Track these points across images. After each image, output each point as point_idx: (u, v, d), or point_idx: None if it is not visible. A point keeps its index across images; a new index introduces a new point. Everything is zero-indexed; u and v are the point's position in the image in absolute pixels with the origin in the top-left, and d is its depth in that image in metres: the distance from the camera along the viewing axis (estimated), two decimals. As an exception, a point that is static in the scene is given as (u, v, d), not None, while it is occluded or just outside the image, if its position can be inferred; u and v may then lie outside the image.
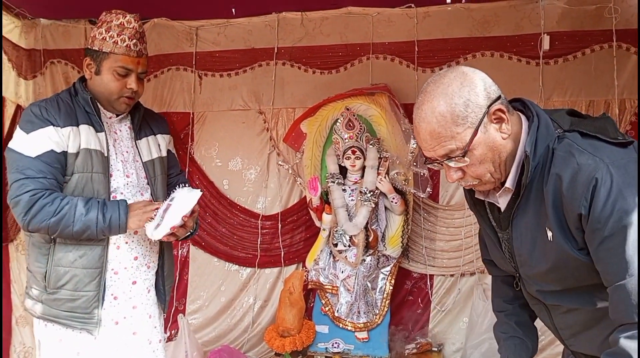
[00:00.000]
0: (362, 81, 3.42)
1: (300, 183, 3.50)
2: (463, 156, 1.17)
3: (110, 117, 1.82)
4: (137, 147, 1.86)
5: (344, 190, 3.19)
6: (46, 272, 1.71)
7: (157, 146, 1.93)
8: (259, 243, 3.57)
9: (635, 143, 1.17)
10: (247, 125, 3.64)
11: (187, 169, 3.59)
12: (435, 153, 1.20)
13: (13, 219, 3.62)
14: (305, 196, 3.44)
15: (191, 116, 3.68)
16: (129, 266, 1.79)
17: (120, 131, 1.85)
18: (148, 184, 1.86)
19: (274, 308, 3.45)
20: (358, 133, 3.16)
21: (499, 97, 1.19)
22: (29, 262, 1.78)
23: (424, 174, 3.13)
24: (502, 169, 1.22)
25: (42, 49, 3.77)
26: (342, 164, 3.23)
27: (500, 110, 1.17)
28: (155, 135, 1.94)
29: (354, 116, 3.19)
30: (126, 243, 1.78)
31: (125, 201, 1.71)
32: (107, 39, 1.71)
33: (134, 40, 1.73)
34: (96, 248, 1.72)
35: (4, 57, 3.58)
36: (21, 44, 3.72)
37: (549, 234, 1.18)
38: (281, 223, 3.55)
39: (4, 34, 3.56)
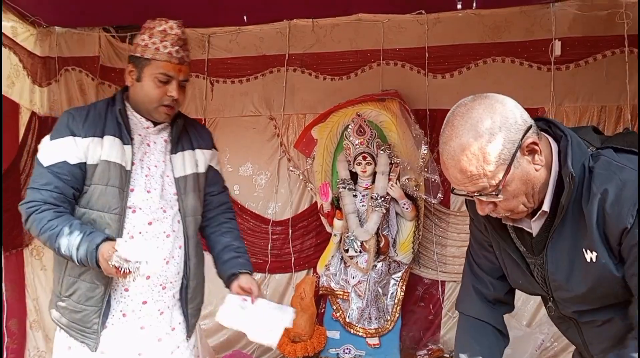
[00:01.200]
0: (373, 87, 3.43)
1: (311, 189, 3.51)
2: (496, 194, 1.13)
3: (147, 128, 1.76)
4: (170, 161, 1.78)
5: (355, 196, 3.20)
6: (60, 279, 1.70)
7: (193, 161, 1.83)
8: (269, 248, 3.58)
9: None
10: (258, 131, 3.67)
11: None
12: (467, 188, 1.15)
13: (28, 225, 3.67)
14: (315, 202, 3.45)
15: (203, 122, 3.70)
16: (139, 285, 1.71)
17: (155, 143, 1.77)
18: (177, 200, 1.77)
19: (285, 313, 3.45)
20: (369, 139, 3.17)
21: (530, 127, 1.12)
22: (53, 266, 1.77)
23: (435, 180, 3.13)
24: (536, 198, 1.17)
25: (56, 57, 3.82)
26: (353, 170, 3.24)
27: (533, 142, 1.12)
28: (193, 150, 1.84)
29: (364, 122, 3.20)
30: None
31: (102, 239, 1.56)
32: (150, 46, 1.67)
33: (176, 47, 1.69)
34: None
35: (20, 64, 3.64)
36: (36, 52, 3.77)
37: (591, 255, 1.14)
38: (292, 228, 3.56)
39: (19, 41, 3.62)
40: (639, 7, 2.75)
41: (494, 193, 1.13)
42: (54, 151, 1.65)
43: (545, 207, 1.18)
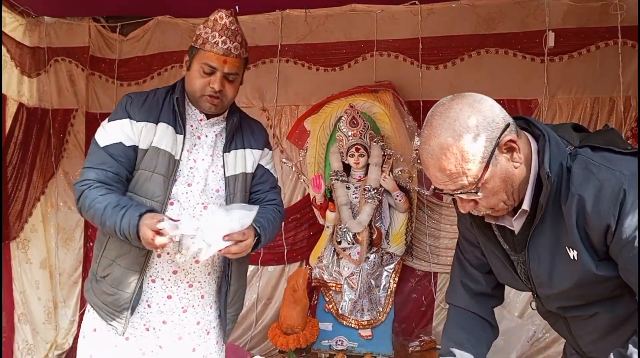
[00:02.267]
0: (366, 78, 3.41)
1: (303, 181, 3.49)
2: (476, 192, 1.14)
3: (200, 120, 1.75)
4: (223, 159, 1.76)
5: (348, 188, 3.18)
6: (98, 259, 1.70)
7: (243, 161, 1.79)
8: (262, 240, 3.55)
9: None
10: (251, 122, 3.64)
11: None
12: (447, 187, 1.16)
13: (15, 217, 3.62)
14: (308, 194, 3.43)
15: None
16: (165, 278, 1.70)
17: (207, 136, 1.75)
18: (225, 199, 1.73)
19: (277, 305, 3.44)
20: (362, 131, 3.15)
21: (508, 125, 1.14)
22: (95, 245, 1.77)
23: (428, 171, 3.12)
24: (516, 195, 1.19)
25: (46, 47, 3.77)
26: (346, 162, 3.22)
27: (511, 140, 1.13)
28: (244, 149, 1.80)
29: (357, 113, 3.18)
30: (167, 253, 1.69)
31: (144, 211, 1.55)
32: (202, 35, 1.66)
33: (223, 38, 1.64)
34: (137, 251, 1.64)
35: (7, 55, 3.58)
36: (25, 42, 3.71)
37: (572, 253, 1.16)
38: (284, 220, 3.54)
39: (7, 32, 3.56)
40: (639, 2, 2.74)
41: (473, 191, 1.14)
42: (111, 132, 1.66)
43: (525, 206, 1.19)
